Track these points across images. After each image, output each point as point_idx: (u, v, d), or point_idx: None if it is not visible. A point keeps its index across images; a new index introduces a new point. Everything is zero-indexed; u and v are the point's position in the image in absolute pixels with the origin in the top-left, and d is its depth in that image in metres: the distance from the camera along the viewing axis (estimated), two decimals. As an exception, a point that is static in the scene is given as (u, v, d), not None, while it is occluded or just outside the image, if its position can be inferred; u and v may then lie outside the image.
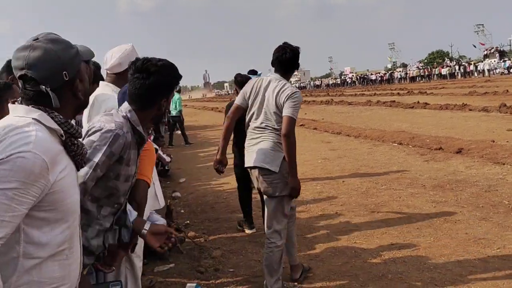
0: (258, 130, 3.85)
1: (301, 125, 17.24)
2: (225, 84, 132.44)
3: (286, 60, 3.85)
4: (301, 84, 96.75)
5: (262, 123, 3.82)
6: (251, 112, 3.92)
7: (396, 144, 11.20)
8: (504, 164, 8.07)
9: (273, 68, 3.98)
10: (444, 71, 63.20)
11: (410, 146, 10.74)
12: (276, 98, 3.76)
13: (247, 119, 3.96)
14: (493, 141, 9.88)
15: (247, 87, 3.99)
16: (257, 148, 3.80)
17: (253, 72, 6.44)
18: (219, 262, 4.78)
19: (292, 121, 3.66)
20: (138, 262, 2.91)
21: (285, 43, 3.92)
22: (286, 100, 3.71)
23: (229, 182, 8.58)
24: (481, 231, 5.04)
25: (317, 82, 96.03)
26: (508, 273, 3.99)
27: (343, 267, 4.42)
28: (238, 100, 4.01)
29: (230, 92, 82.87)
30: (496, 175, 7.35)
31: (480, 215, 5.56)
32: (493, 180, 7.05)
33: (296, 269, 4.26)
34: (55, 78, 1.61)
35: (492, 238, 4.80)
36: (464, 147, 9.57)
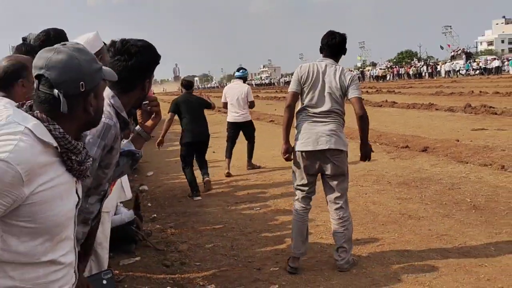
0: (324, 114, 4.11)
1: (270, 121, 17.33)
2: (195, 79, 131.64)
3: (335, 44, 4.20)
4: (271, 80, 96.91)
5: (330, 107, 4.10)
6: (309, 96, 4.14)
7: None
8: (467, 163, 8.26)
9: (321, 54, 4.29)
10: (412, 70, 64.22)
11: (377, 144, 10.88)
12: (340, 82, 4.09)
13: (305, 103, 4.16)
14: (458, 140, 10.10)
15: (301, 73, 4.19)
16: (326, 131, 4.08)
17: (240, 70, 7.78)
18: (186, 255, 4.78)
19: (362, 101, 4.17)
20: (104, 254, 2.89)
21: (331, 30, 4.29)
22: (351, 83, 4.10)
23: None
24: (444, 227, 5.15)
25: (287, 78, 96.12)
26: (467, 268, 4.10)
27: (308, 262, 4.47)
28: (293, 87, 4.22)
29: (200, 86, 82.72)
30: (459, 173, 7.52)
31: (443, 212, 5.68)
32: (456, 178, 7.21)
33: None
34: (70, 85, 1.56)
35: (453, 234, 4.92)
36: (429, 146, 9.76)
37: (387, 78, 64.69)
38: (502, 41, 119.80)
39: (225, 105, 9.06)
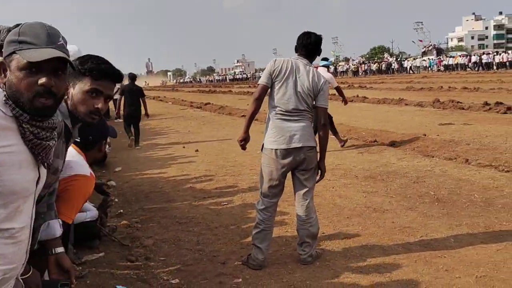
0: (296, 112, 4.12)
1: (242, 116, 17.29)
2: (168, 74, 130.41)
3: (311, 44, 4.20)
4: (246, 75, 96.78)
5: (301, 105, 4.11)
6: (281, 92, 4.13)
7: (333, 136, 11.41)
8: (433, 157, 8.42)
9: (296, 53, 4.30)
10: (382, 65, 64.92)
11: (346, 138, 11.00)
12: (312, 83, 4.10)
13: (275, 99, 4.16)
14: (425, 135, 10.27)
15: (274, 67, 4.17)
16: (299, 129, 4.12)
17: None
18: (151, 251, 4.76)
19: (327, 111, 4.23)
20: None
21: (307, 31, 4.29)
22: (322, 89, 4.11)
23: (166, 171, 8.54)
24: (407, 220, 5.24)
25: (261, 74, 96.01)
26: (427, 259, 4.18)
27: (273, 255, 4.50)
28: (263, 80, 4.20)
29: (174, 81, 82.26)
30: (425, 167, 7.65)
31: (407, 205, 5.78)
32: (422, 171, 7.34)
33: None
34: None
35: (416, 226, 5.01)
36: (397, 140, 9.92)
37: (359, 74, 65.23)
38: (472, 37, 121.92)
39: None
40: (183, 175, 8.10)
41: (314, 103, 4.20)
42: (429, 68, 57.72)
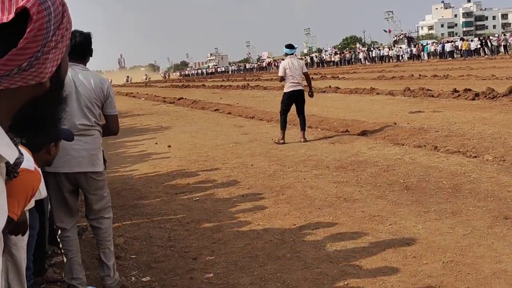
0: (82, 129, 3.59)
1: (215, 110, 17.28)
2: (141, 69, 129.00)
3: (77, 46, 3.55)
4: (218, 68, 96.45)
5: (87, 120, 3.62)
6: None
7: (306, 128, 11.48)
8: (403, 145, 8.52)
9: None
10: (356, 55, 65.36)
11: (319, 129, 11.08)
12: (96, 90, 3.62)
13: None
14: (395, 123, 10.38)
15: None
16: (83, 151, 3.61)
17: None
18: (122, 249, 4.73)
19: (117, 118, 3.85)
20: (21, 254, 2.82)
21: (75, 30, 3.62)
22: (108, 96, 3.70)
23: (138, 169, 8.48)
24: (376, 208, 5.31)
25: (234, 67, 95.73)
26: (396, 247, 4.25)
27: (244, 249, 4.52)
28: None
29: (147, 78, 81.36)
30: (395, 155, 7.75)
31: (377, 193, 5.85)
32: (392, 160, 7.43)
33: None
34: None
35: (385, 215, 5.08)
36: (368, 130, 10.01)
37: (331, 64, 65.61)
38: (442, 25, 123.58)
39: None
40: (155, 172, 8.07)
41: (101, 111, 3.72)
42: (405, 57, 58.08)
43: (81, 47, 3.61)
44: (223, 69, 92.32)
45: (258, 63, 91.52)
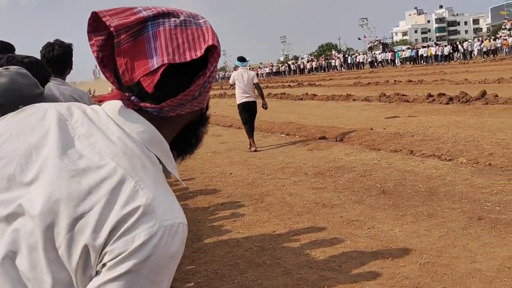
0: None
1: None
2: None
3: (54, 58, 3.44)
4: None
5: None
6: None
7: (283, 135, 11.58)
8: (379, 150, 8.63)
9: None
10: (332, 62, 66.02)
11: (297, 136, 11.16)
12: None
13: None
14: (372, 129, 10.51)
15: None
16: None
17: None
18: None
19: None
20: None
21: (56, 40, 3.56)
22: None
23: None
24: (354, 213, 5.37)
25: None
26: (374, 250, 4.31)
27: (224, 257, 4.53)
28: None
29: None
30: (372, 160, 7.85)
31: (355, 198, 5.92)
32: (368, 165, 7.52)
33: None
34: (10, 109, 1.57)
35: (363, 219, 5.15)
36: (345, 136, 10.11)
37: (306, 72, 66.16)
38: (415, 31, 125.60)
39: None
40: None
41: None
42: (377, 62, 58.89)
43: (61, 60, 3.51)
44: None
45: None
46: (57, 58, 3.46)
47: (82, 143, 0.93)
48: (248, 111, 10.20)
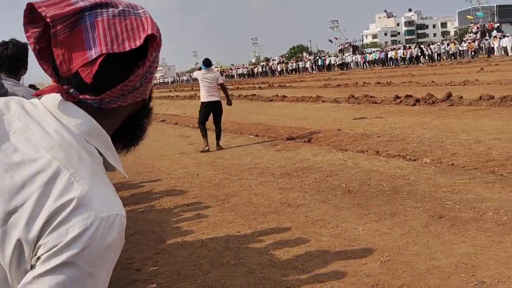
0: None
1: (162, 120, 17.17)
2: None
3: (8, 57, 3.32)
4: (165, 79, 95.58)
5: None
6: None
7: (252, 136, 11.59)
8: (346, 150, 8.71)
9: None
10: (301, 64, 66.46)
11: (265, 137, 11.19)
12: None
13: None
14: (339, 130, 10.61)
15: None
16: None
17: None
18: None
19: None
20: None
21: (11, 39, 3.42)
22: None
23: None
24: (319, 213, 5.41)
25: (184, 77, 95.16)
26: (337, 249, 4.35)
27: (188, 258, 4.51)
28: None
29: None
30: (338, 160, 7.91)
31: (320, 198, 5.96)
32: (335, 165, 7.58)
33: None
34: None
35: (327, 219, 5.18)
36: (313, 136, 10.19)
37: (277, 74, 66.51)
38: (385, 34, 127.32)
39: None
40: (99, 184, 7.93)
41: None
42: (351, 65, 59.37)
43: (15, 60, 3.34)
44: (172, 80, 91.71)
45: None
46: (11, 57, 3.33)
47: (18, 137, 0.92)
48: (209, 111, 10.25)
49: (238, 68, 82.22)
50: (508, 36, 46.28)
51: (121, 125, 1.03)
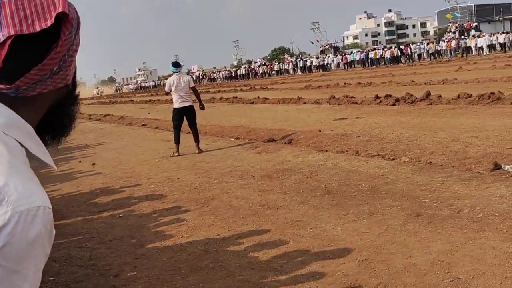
0: None
1: (143, 125, 17.08)
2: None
3: None
4: (146, 83, 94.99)
5: None
6: None
7: (233, 139, 11.58)
8: (326, 151, 8.74)
9: None
10: (284, 66, 66.64)
11: (246, 139, 11.18)
12: None
13: None
14: (320, 131, 10.65)
15: None
16: None
17: None
18: (40, 272, 4.57)
19: None
20: None
21: None
22: None
23: (60, 188, 8.25)
24: (299, 214, 5.42)
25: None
26: (316, 250, 4.36)
27: (167, 262, 4.48)
28: None
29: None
30: (318, 161, 7.94)
31: (300, 199, 5.97)
32: (315, 166, 7.61)
33: None
34: None
35: (307, 219, 5.19)
36: (294, 138, 10.20)
37: (259, 76, 66.61)
38: (366, 35, 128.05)
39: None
40: (78, 191, 7.86)
41: None
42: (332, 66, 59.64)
43: None
44: (153, 84, 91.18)
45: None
46: None
47: None
48: (182, 117, 10.25)
49: (220, 71, 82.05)
50: (484, 36, 46.95)
51: (47, 115, 0.98)
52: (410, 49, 51.20)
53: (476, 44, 46.53)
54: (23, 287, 0.82)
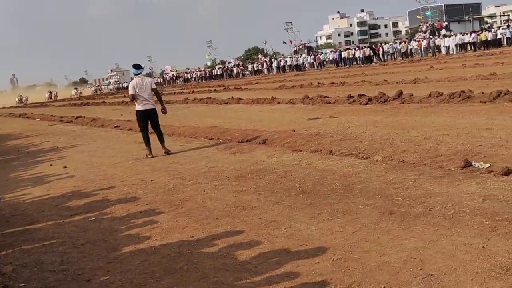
0: None
1: (116, 126, 16.89)
2: (37, 88, 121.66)
3: None
4: (120, 84, 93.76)
5: None
6: None
7: (207, 140, 11.53)
8: (301, 151, 8.76)
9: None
10: (256, 66, 66.73)
11: (221, 140, 11.15)
12: None
13: None
14: (294, 131, 10.67)
15: None
16: None
17: None
18: (9, 278, 4.47)
19: None
20: None
21: None
22: None
23: (31, 192, 8.09)
24: (273, 214, 5.41)
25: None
26: (290, 250, 4.35)
27: (140, 266, 4.43)
28: None
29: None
30: (292, 161, 7.95)
31: (274, 199, 5.97)
32: (289, 166, 7.62)
33: None
34: None
35: (281, 220, 5.19)
36: (268, 138, 10.20)
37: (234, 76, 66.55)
38: (339, 35, 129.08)
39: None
40: (49, 194, 7.72)
41: None
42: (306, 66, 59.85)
43: None
44: (127, 85, 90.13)
45: (163, 77, 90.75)
46: None
47: None
48: (146, 119, 10.25)
49: (193, 72, 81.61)
50: (451, 36, 47.76)
51: None
52: (382, 48, 51.77)
53: (444, 43, 47.30)
54: None
